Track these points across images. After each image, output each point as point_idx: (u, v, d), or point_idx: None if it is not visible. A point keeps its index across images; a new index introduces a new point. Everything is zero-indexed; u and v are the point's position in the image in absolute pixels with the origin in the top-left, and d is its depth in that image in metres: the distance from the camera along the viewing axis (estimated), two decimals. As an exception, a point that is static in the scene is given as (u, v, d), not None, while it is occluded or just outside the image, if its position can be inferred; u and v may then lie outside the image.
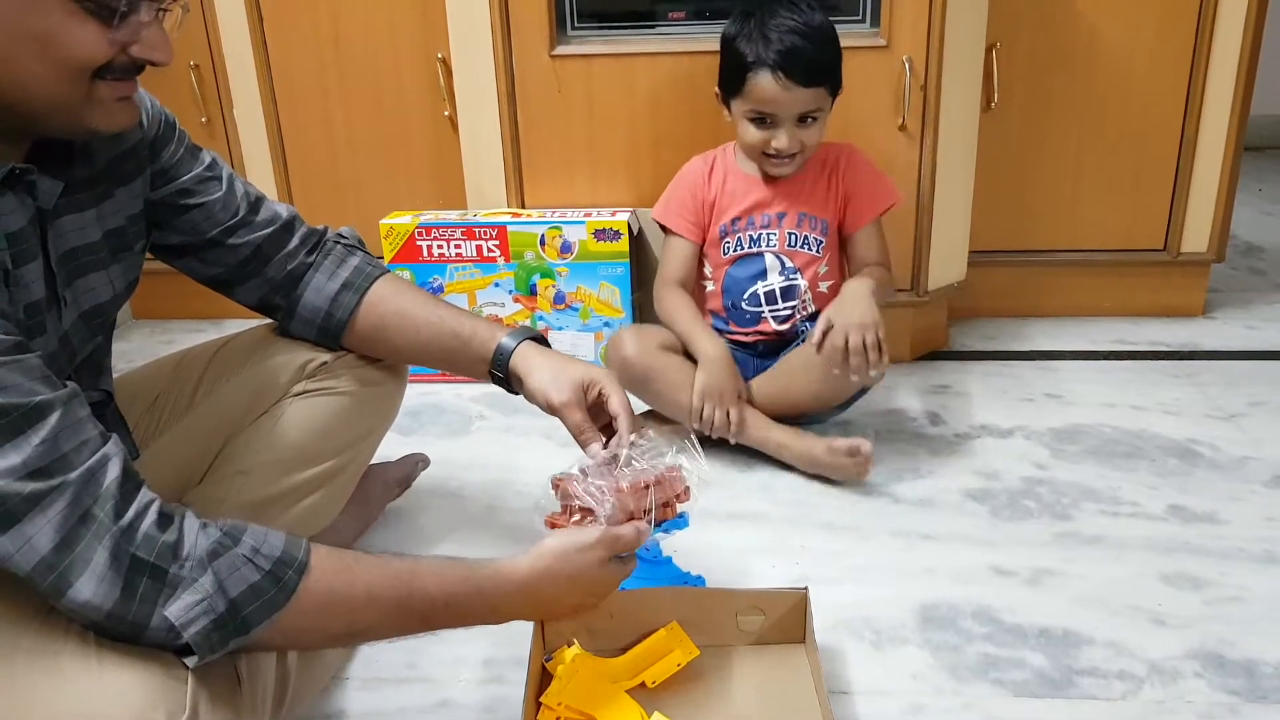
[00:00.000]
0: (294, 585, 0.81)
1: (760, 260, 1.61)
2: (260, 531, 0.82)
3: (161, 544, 0.77)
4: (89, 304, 0.97)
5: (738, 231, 1.61)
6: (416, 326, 1.19)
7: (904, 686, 1.12)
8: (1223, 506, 1.45)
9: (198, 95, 2.04)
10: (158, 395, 1.17)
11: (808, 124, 1.52)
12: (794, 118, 1.50)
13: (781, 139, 1.51)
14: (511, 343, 1.16)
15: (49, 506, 0.74)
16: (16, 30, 0.75)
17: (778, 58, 1.45)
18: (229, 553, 0.79)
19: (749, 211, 1.61)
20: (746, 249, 1.61)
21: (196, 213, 1.09)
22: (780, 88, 1.47)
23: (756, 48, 1.47)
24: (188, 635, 0.77)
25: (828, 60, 1.50)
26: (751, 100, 1.50)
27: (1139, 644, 1.17)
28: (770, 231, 1.60)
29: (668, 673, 1.09)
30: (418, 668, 1.17)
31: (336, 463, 1.21)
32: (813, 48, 1.47)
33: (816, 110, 1.51)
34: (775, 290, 1.62)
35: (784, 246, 1.60)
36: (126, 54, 0.81)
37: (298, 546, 0.83)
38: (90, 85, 0.81)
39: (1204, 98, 1.93)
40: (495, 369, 1.17)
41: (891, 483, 1.53)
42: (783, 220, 1.60)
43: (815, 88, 1.48)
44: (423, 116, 2.01)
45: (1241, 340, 2.03)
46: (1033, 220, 2.06)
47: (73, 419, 0.77)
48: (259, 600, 0.79)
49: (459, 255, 1.86)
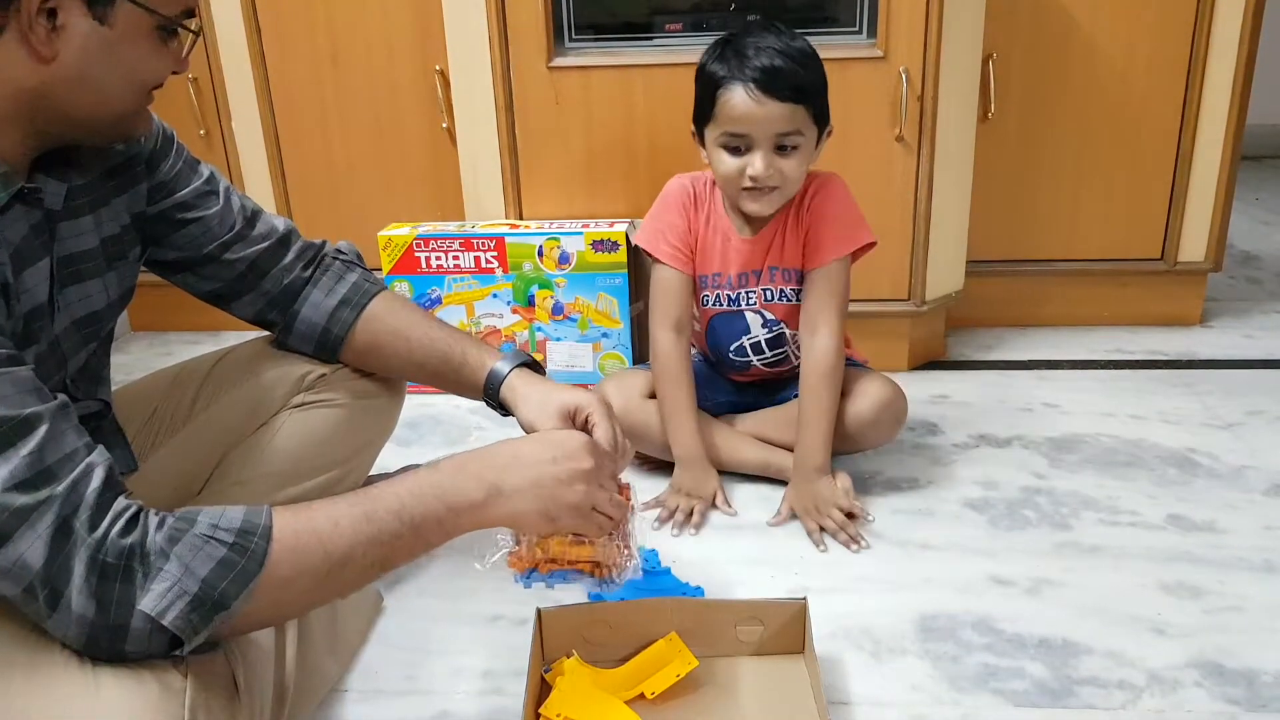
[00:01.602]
0: (262, 552, 0.80)
1: (741, 317, 1.53)
2: (216, 510, 0.81)
3: (127, 547, 0.76)
4: (83, 311, 0.98)
5: (717, 288, 1.51)
6: (410, 347, 1.20)
7: (903, 697, 1.12)
8: (1221, 515, 1.44)
9: (196, 109, 2.05)
10: (156, 408, 1.17)
11: (787, 152, 1.36)
12: (770, 140, 1.34)
13: (757, 164, 1.34)
14: (503, 370, 1.17)
15: (37, 522, 0.74)
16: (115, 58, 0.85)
17: (751, 71, 1.32)
18: (187, 535, 0.78)
19: (725, 273, 1.50)
20: (725, 306, 1.53)
21: (194, 227, 1.09)
22: (753, 102, 1.32)
23: (729, 65, 1.34)
24: (167, 621, 0.76)
25: (808, 81, 1.34)
26: (723, 121, 1.35)
27: (1138, 653, 1.17)
28: (748, 290, 1.50)
29: (667, 684, 1.09)
30: (416, 679, 1.16)
31: (334, 475, 1.21)
32: (790, 64, 1.32)
33: (795, 134, 1.35)
34: (760, 342, 1.55)
35: (762, 302, 1.51)
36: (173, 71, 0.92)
37: (258, 513, 0.82)
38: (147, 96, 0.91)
39: (1200, 107, 1.94)
40: (488, 397, 1.19)
41: (890, 493, 1.53)
42: (758, 277, 1.49)
43: (791, 104, 1.33)
44: (421, 128, 2.02)
45: (1239, 349, 2.03)
46: (1030, 230, 2.06)
47: (59, 430, 0.77)
48: (231, 573, 0.78)
49: (457, 266, 1.86)
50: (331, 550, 0.83)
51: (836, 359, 1.45)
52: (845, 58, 1.70)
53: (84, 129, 0.89)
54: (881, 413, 1.50)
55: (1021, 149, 2.00)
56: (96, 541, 0.75)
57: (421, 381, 1.25)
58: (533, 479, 0.95)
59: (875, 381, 1.52)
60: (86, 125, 0.88)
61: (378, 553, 0.86)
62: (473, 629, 1.24)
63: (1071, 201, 2.04)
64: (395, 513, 0.87)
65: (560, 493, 0.96)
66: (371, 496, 0.88)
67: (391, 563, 0.89)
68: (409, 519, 0.88)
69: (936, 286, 1.91)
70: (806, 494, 1.44)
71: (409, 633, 1.24)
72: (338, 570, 0.84)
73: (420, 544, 0.90)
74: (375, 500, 0.87)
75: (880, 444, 1.57)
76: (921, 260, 1.86)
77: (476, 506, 0.92)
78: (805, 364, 1.46)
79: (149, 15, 0.85)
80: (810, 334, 1.46)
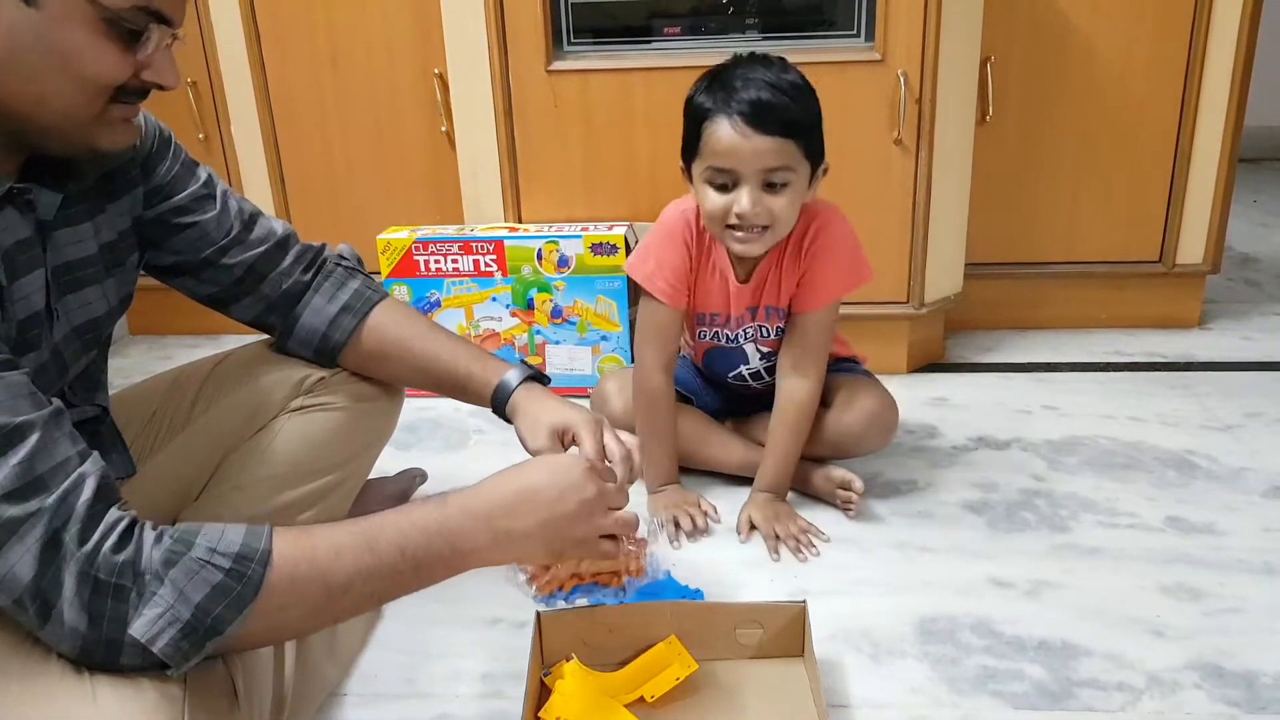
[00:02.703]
0: (259, 578, 0.78)
1: (740, 351, 1.52)
2: (215, 530, 0.80)
3: (120, 563, 0.75)
4: (83, 318, 0.97)
5: (714, 326, 1.49)
6: (414, 359, 1.21)
7: (903, 699, 1.12)
8: (1220, 517, 1.44)
9: (195, 113, 2.05)
10: (154, 411, 1.17)
11: (776, 190, 1.29)
12: (757, 177, 1.27)
13: (744, 201, 1.27)
14: (510, 384, 1.19)
15: (26, 535, 0.73)
16: (44, 44, 0.78)
17: (737, 104, 1.25)
18: (183, 559, 0.77)
19: (724, 313, 1.47)
20: (722, 343, 1.51)
21: (191, 231, 1.09)
22: (738, 135, 1.25)
23: (715, 98, 1.28)
24: (157, 649, 0.76)
25: (798, 114, 1.27)
26: (708, 156, 1.29)
27: (1138, 655, 1.17)
28: (745, 328, 1.49)
29: (666, 687, 1.09)
30: (416, 683, 1.16)
31: (333, 478, 1.21)
32: (779, 97, 1.26)
33: (784, 170, 1.27)
34: (760, 370, 1.55)
35: (759, 339, 1.50)
36: (139, 77, 0.84)
37: (258, 536, 0.80)
38: (106, 106, 0.84)
39: (1198, 109, 1.94)
40: (495, 411, 1.21)
41: (889, 495, 1.53)
42: (754, 315, 1.47)
43: (780, 138, 1.25)
44: (420, 132, 2.02)
45: (1238, 351, 2.03)
46: (1029, 232, 2.07)
47: (50, 439, 0.76)
48: (226, 599, 0.77)
49: (456, 270, 1.86)
50: (331, 581, 0.82)
51: (815, 402, 1.46)
52: (843, 61, 1.71)
53: (34, 131, 0.83)
54: (869, 426, 1.50)
55: (1020, 151, 2.00)
56: (87, 555, 0.74)
57: (424, 389, 1.25)
58: (541, 520, 0.94)
59: (864, 393, 1.51)
60: (35, 126, 0.82)
61: (377, 585, 0.85)
62: (472, 632, 1.24)
63: (1070, 204, 2.04)
64: (399, 548, 0.86)
65: (567, 529, 0.96)
66: (377, 527, 0.86)
67: (390, 595, 0.88)
68: (412, 556, 0.86)
69: (935, 289, 1.91)
70: (767, 509, 1.44)
71: (408, 636, 1.24)
72: (335, 600, 0.83)
73: (420, 581, 0.88)
74: (379, 532, 0.86)
75: (869, 453, 1.57)
76: (920, 263, 1.86)
77: (481, 550, 0.91)
78: (785, 400, 1.45)
79: (88, 4, 0.79)
80: (796, 376, 1.44)
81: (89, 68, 0.81)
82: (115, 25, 0.80)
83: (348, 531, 0.85)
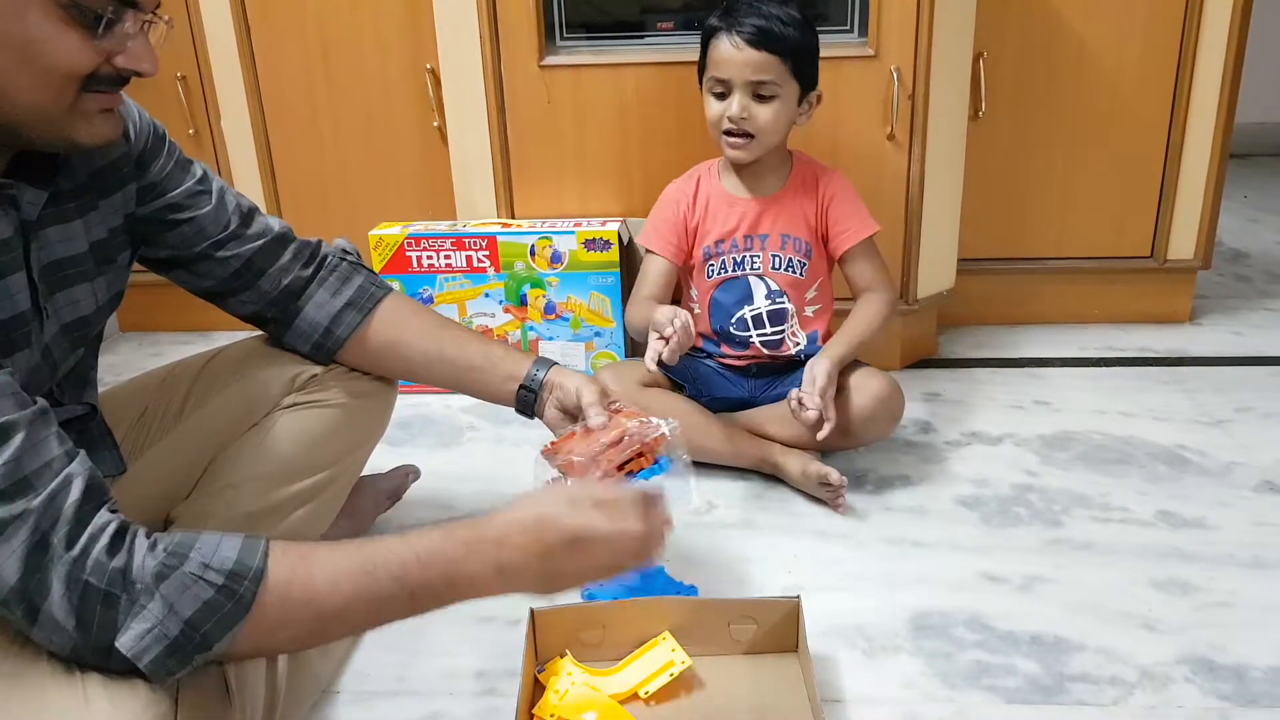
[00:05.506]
0: (250, 597, 0.77)
1: (744, 283, 1.59)
2: (211, 543, 0.78)
3: (111, 570, 0.74)
4: (71, 316, 0.96)
5: (721, 254, 1.59)
6: (425, 353, 1.21)
7: (896, 694, 1.12)
8: (1211, 512, 1.45)
9: (185, 107, 2.04)
10: (145, 408, 1.16)
11: (764, 101, 1.48)
12: (747, 85, 1.47)
13: (734, 106, 1.47)
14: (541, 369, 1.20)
15: (12, 536, 0.72)
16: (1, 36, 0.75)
17: (737, 25, 1.46)
18: (176, 573, 0.76)
19: (731, 233, 1.58)
20: (731, 272, 1.59)
21: (186, 227, 1.08)
22: (734, 49, 1.45)
23: (722, 20, 1.48)
24: (143, 665, 0.75)
25: (789, 36, 1.46)
26: (710, 67, 1.50)
27: (1130, 650, 1.17)
28: (754, 254, 1.58)
29: (661, 683, 1.09)
30: (408, 680, 1.16)
31: (327, 475, 1.20)
32: (775, 22, 1.45)
33: (772, 84, 1.46)
34: (762, 314, 1.59)
35: (768, 269, 1.58)
36: (112, 65, 0.81)
37: (253, 552, 0.79)
38: (76, 96, 0.80)
39: (1189, 105, 1.95)
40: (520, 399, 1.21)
41: (882, 490, 1.54)
42: (765, 242, 1.57)
43: (768, 54, 1.45)
44: (411, 127, 2.01)
45: (1228, 346, 2.04)
46: (1021, 228, 2.07)
47: (36, 439, 0.75)
48: (215, 617, 0.76)
49: (448, 266, 1.86)
50: (324, 607, 0.81)
51: (891, 311, 1.58)
52: (837, 56, 1.71)
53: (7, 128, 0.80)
54: (879, 408, 1.51)
55: (1012, 147, 2.01)
56: (74, 559, 0.74)
57: (435, 384, 1.25)
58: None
59: (873, 377, 1.53)
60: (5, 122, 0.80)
61: (371, 610, 0.83)
62: (465, 629, 1.24)
63: (1062, 199, 2.05)
64: (397, 578, 0.82)
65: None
66: (376, 550, 0.83)
67: (383, 621, 0.86)
68: (408, 585, 0.83)
69: (928, 285, 1.91)
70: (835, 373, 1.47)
71: (400, 633, 1.22)
72: (327, 625, 0.82)
73: (414, 610, 0.85)
74: (378, 556, 0.83)
75: (876, 439, 1.57)
76: (913, 259, 1.86)
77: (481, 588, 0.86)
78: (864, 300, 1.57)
79: None
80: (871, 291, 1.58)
81: (49, 58, 0.77)
82: (74, 10, 0.76)
83: (347, 554, 0.82)
